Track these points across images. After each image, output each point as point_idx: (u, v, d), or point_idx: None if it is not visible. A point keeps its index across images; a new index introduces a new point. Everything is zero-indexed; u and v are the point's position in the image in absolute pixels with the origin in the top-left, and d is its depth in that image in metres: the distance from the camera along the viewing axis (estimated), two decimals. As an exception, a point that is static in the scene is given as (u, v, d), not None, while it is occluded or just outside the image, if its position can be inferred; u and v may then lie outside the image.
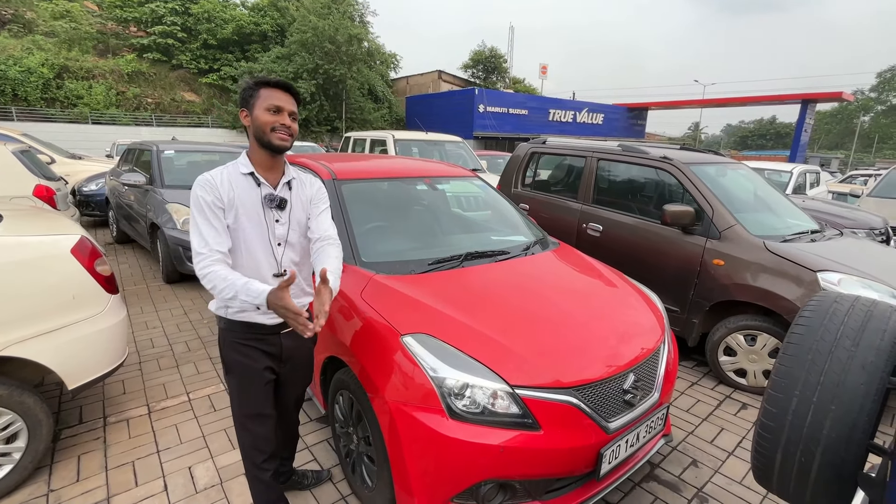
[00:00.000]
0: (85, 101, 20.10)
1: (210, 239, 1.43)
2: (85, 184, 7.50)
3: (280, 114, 1.47)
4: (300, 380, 1.78)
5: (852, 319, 1.10)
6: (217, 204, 1.45)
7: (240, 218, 1.48)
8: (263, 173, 1.53)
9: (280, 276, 1.55)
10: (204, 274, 1.41)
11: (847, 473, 1.05)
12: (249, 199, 1.49)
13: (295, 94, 1.52)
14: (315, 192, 1.67)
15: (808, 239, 3.22)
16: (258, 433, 1.60)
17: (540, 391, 1.57)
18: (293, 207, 1.57)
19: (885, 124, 52.07)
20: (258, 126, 1.46)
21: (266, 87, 1.48)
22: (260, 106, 1.46)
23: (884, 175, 7.26)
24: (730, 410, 2.85)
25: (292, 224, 1.57)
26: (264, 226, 1.51)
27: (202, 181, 1.47)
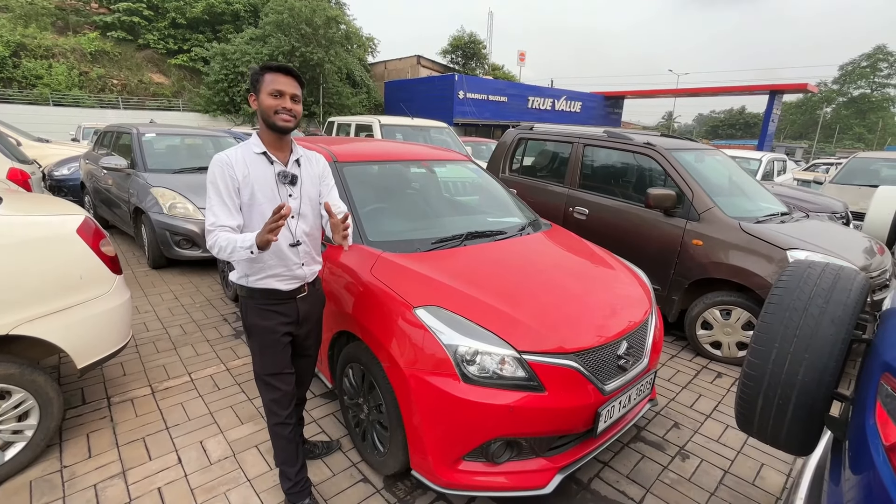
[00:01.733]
0: (45, 81, 19.07)
1: (221, 216, 1.55)
2: (56, 168, 7.22)
3: (282, 97, 1.57)
4: (314, 341, 1.92)
5: (823, 281, 1.26)
6: (232, 183, 1.56)
7: (255, 194, 1.59)
8: (274, 152, 1.64)
9: (295, 245, 1.68)
10: (211, 244, 1.54)
11: (817, 414, 1.22)
12: (263, 175, 1.61)
13: (297, 77, 1.62)
14: (322, 169, 1.81)
15: (778, 220, 3.46)
16: (280, 389, 1.73)
17: (545, 356, 1.71)
18: (303, 182, 1.70)
19: (845, 115, 54.46)
20: (263, 109, 1.57)
21: (269, 72, 1.58)
22: (264, 90, 1.56)
23: (844, 164, 7.71)
24: (706, 379, 3.08)
25: (303, 198, 1.70)
26: (278, 200, 1.62)
27: (219, 160, 1.57)
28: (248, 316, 1.71)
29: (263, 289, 1.67)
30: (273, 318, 1.70)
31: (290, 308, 1.72)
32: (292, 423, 1.79)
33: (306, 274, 1.74)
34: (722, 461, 2.27)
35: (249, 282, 1.66)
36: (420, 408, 1.68)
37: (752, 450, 2.36)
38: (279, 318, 1.70)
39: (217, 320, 3.62)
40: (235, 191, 1.57)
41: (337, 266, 2.17)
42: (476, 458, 1.73)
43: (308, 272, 1.75)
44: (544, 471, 1.76)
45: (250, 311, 1.70)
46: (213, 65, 21.91)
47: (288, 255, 1.67)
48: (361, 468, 2.11)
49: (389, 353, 1.77)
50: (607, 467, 2.18)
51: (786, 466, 2.25)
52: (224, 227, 1.54)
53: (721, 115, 68.77)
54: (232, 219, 1.56)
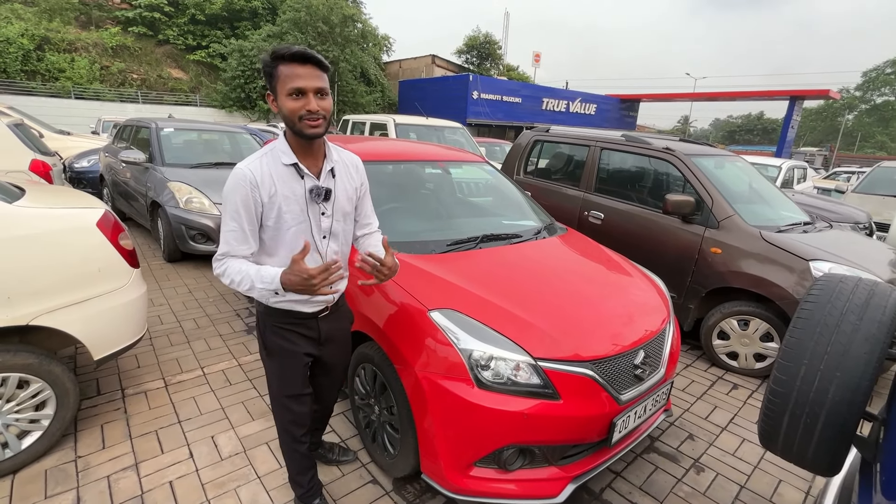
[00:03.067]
0: (67, 74, 19.43)
1: (234, 244, 1.36)
2: (76, 160, 7.35)
3: (304, 97, 1.27)
4: (340, 360, 1.78)
5: (856, 296, 1.22)
6: (255, 207, 1.34)
7: (283, 216, 1.38)
8: (304, 160, 1.40)
9: None
10: (220, 273, 1.38)
11: (846, 434, 1.17)
12: (293, 193, 1.38)
13: (317, 62, 1.29)
14: (360, 178, 1.59)
15: (800, 230, 3.37)
16: (297, 412, 1.62)
17: (560, 363, 1.68)
18: (337, 197, 1.47)
19: (867, 123, 53.23)
20: (285, 116, 1.32)
21: (284, 63, 1.27)
22: (282, 90, 1.28)
23: (868, 172, 7.53)
24: (722, 390, 3.02)
25: (336, 215, 1.49)
26: (308, 221, 1.42)
27: (242, 178, 1.32)
28: (265, 335, 1.56)
29: (283, 309, 1.51)
30: (293, 339, 1.55)
31: (311, 328, 1.57)
32: (307, 442, 1.70)
33: (334, 297, 1.60)
34: (738, 476, 2.22)
35: (270, 301, 1.49)
36: (432, 411, 1.66)
37: (769, 465, 2.30)
38: (300, 338, 1.56)
39: (230, 315, 3.65)
40: (258, 216, 1.36)
41: (350, 266, 2.15)
42: (488, 465, 1.70)
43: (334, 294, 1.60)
44: (557, 480, 1.73)
45: (268, 329, 1.54)
46: (230, 61, 22.15)
47: None
48: (371, 469, 2.10)
49: (403, 355, 1.76)
50: (620, 478, 2.15)
51: (804, 483, 2.19)
52: (236, 257, 1.37)
53: (738, 120, 67.67)
54: (248, 248, 1.38)
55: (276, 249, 1.43)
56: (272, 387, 1.64)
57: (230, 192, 1.33)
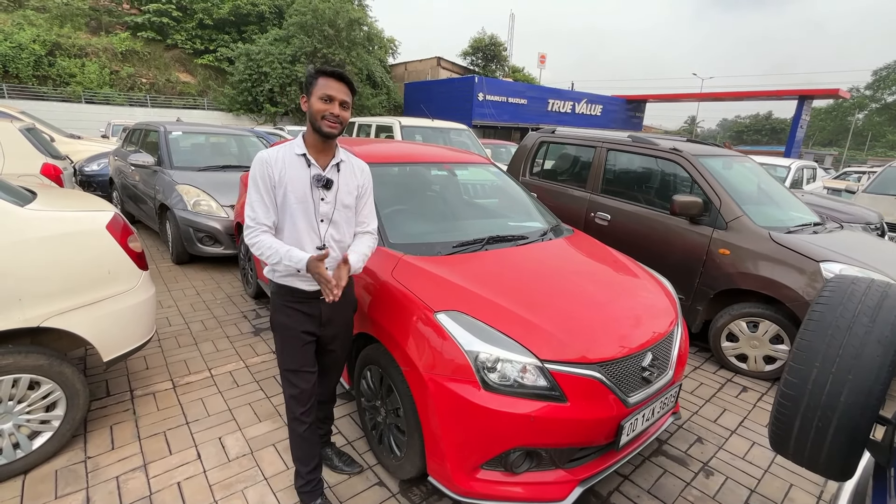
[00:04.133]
0: (78, 79, 19.71)
1: (260, 213, 1.62)
2: (86, 164, 7.45)
3: (331, 103, 1.57)
4: (339, 343, 1.89)
5: (869, 298, 1.20)
6: (269, 181, 1.61)
7: (288, 195, 1.62)
8: (315, 155, 1.66)
9: (321, 248, 1.68)
10: (252, 243, 1.62)
11: (859, 438, 1.15)
12: (299, 177, 1.63)
13: (348, 82, 1.62)
14: (364, 180, 1.80)
15: (810, 231, 3.33)
16: (297, 387, 1.74)
17: (567, 366, 1.67)
18: (339, 189, 1.70)
19: (878, 122, 52.54)
20: (312, 113, 1.59)
21: (323, 76, 1.59)
22: (315, 94, 1.57)
23: (879, 172, 7.42)
24: (731, 393, 2.99)
25: (337, 204, 1.70)
26: (310, 203, 1.65)
27: (259, 158, 1.63)
28: (273, 311, 1.76)
29: (287, 286, 1.70)
30: (294, 316, 1.72)
31: (312, 308, 1.73)
32: (308, 422, 1.77)
33: None
34: (748, 479, 2.19)
35: (275, 277, 1.71)
36: (438, 413, 1.66)
37: (780, 469, 2.27)
38: (300, 316, 1.72)
39: (237, 317, 3.67)
40: (272, 188, 1.62)
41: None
42: (494, 467, 1.70)
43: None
44: (563, 483, 1.72)
45: (275, 307, 1.75)
46: (237, 65, 22.34)
47: None
48: (377, 471, 2.10)
49: (409, 356, 1.76)
50: (628, 481, 2.13)
51: (816, 488, 2.16)
52: (263, 225, 1.62)
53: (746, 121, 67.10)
54: (269, 216, 1.63)
55: (283, 224, 1.66)
56: (278, 361, 1.79)
57: (252, 169, 1.63)
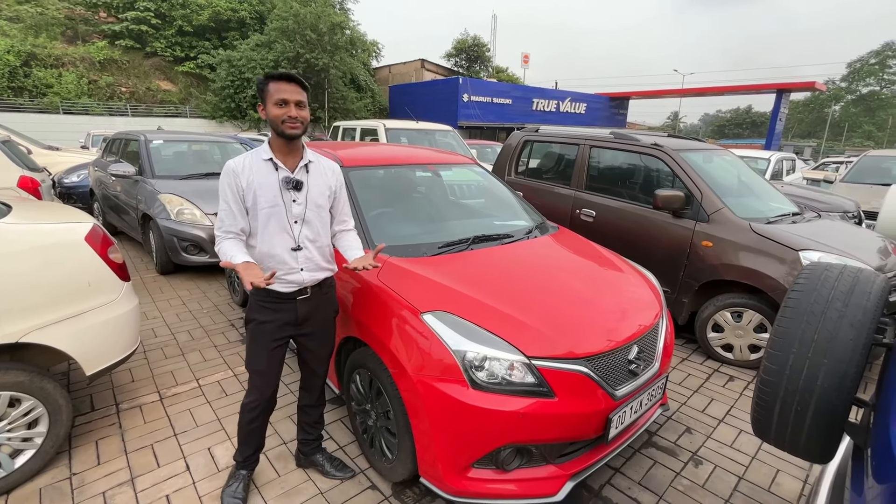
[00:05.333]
0: (55, 90, 19.36)
1: (226, 220, 1.68)
2: (65, 175, 7.31)
3: (287, 106, 1.60)
4: (320, 343, 1.93)
5: (842, 284, 1.23)
6: (237, 189, 1.66)
7: (258, 199, 1.66)
8: (282, 158, 1.70)
9: (297, 249, 1.73)
10: (217, 248, 1.69)
11: (837, 421, 1.18)
12: (268, 181, 1.67)
13: (299, 82, 1.64)
14: (336, 182, 1.85)
15: (789, 221, 3.41)
16: (258, 388, 1.81)
17: (554, 362, 1.68)
18: (310, 189, 1.74)
19: (853, 113, 53.86)
20: (271, 120, 1.63)
21: (273, 81, 1.61)
22: (270, 100, 1.61)
23: (855, 162, 7.60)
24: (718, 383, 3.03)
25: (309, 204, 1.74)
26: (282, 206, 1.68)
27: (226, 168, 1.67)
28: (249, 310, 1.80)
29: (264, 287, 1.67)
30: (268, 316, 1.75)
31: (288, 308, 1.77)
32: (258, 423, 1.86)
33: (305, 279, 1.76)
34: (736, 467, 2.23)
35: None
36: (428, 414, 1.66)
37: (767, 455, 2.31)
38: (275, 316, 1.75)
39: (224, 326, 3.63)
40: (240, 197, 1.66)
41: (343, 271, 2.15)
42: (486, 466, 1.70)
43: (308, 277, 1.77)
44: (555, 478, 1.73)
45: (251, 307, 1.79)
46: (219, 71, 22.13)
47: (286, 260, 1.71)
48: (370, 475, 2.09)
49: (397, 358, 1.76)
50: (619, 473, 2.15)
51: (802, 472, 2.21)
52: (229, 232, 1.67)
53: (727, 115, 68.28)
54: (236, 224, 1.68)
55: (255, 230, 1.70)
56: (246, 356, 1.84)
57: (221, 180, 1.68)
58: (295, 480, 2.04)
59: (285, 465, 2.13)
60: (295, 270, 1.73)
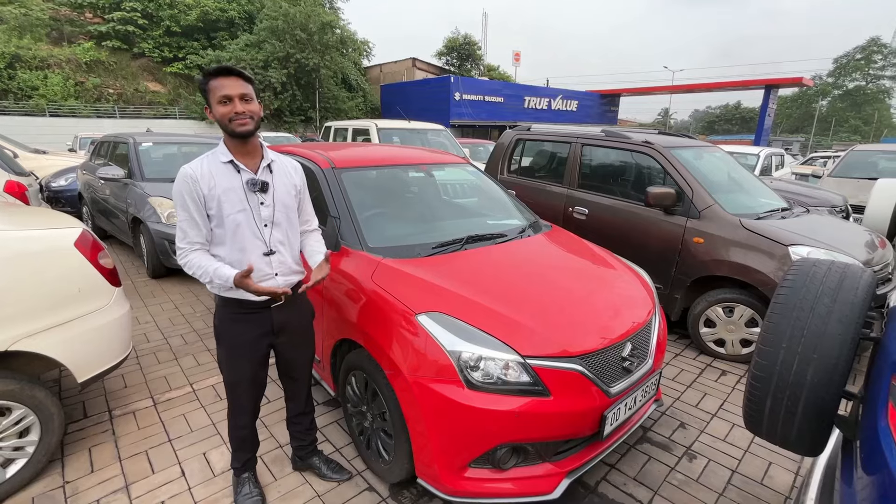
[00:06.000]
0: (41, 92, 19.08)
1: (190, 232, 1.57)
2: (53, 179, 7.21)
3: (231, 103, 1.50)
4: (299, 350, 1.89)
5: (829, 279, 1.25)
6: (198, 197, 1.53)
7: (223, 205, 1.56)
8: (242, 159, 1.59)
9: (270, 254, 1.66)
10: (183, 263, 1.59)
11: (826, 414, 1.20)
12: (231, 186, 1.57)
13: (239, 74, 1.53)
14: (300, 180, 1.79)
15: (779, 216, 3.45)
16: (242, 399, 1.79)
17: (549, 360, 1.69)
18: (276, 189, 1.66)
19: (840, 108, 54.55)
20: (218, 120, 1.53)
21: (212, 78, 1.51)
22: (213, 100, 1.51)
23: (842, 157, 7.71)
24: (711, 377, 3.07)
25: (277, 206, 1.66)
26: (249, 210, 1.60)
27: (183, 175, 1.54)
28: (219, 323, 1.72)
29: (233, 298, 1.64)
30: (242, 328, 1.69)
31: (263, 318, 1.70)
32: (248, 430, 1.87)
33: (280, 284, 1.69)
34: (729, 461, 2.26)
35: (219, 291, 1.65)
36: (424, 415, 1.66)
37: (759, 448, 2.34)
38: (249, 327, 1.70)
39: (218, 329, 3.60)
40: (202, 205, 1.55)
41: (338, 273, 2.15)
42: (482, 465, 1.71)
43: (283, 282, 1.70)
44: (551, 476, 1.75)
45: (221, 319, 1.71)
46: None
47: (260, 267, 1.63)
48: (367, 476, 2.09)
49: (392, 360, 1.76)
50: (614, 470, 2.17)
51: (794, 465, 2.24)
52: (194, 243, 1.57)
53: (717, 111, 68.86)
54: (201, 234, 1.58)
55: (222, 238, 1.60)
56: (222, 372, 1.79)
57: (177, 189, 1.54)
58: (292, 484, 2.04)
59: (282, 469, 2.12)
60: (269, 276, 1.66)
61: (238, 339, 1.69)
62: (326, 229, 2.33)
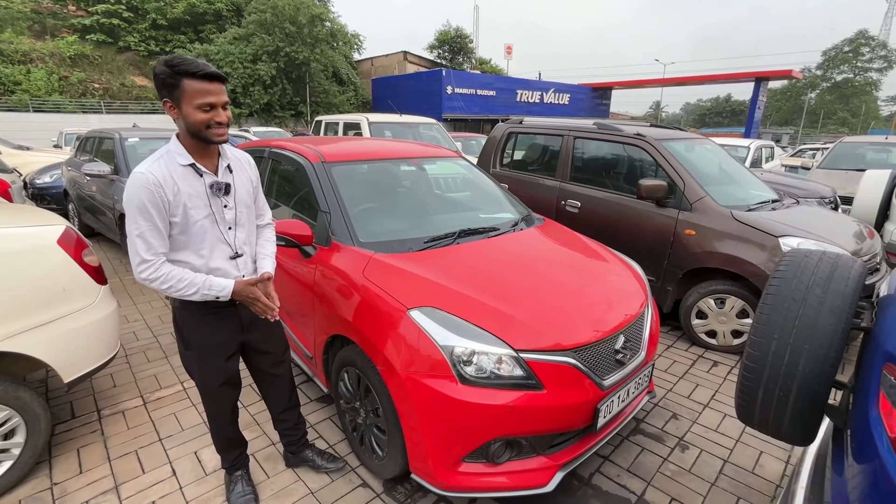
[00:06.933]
0: (24, 87, 18.68)
1: (156, 244, 1.42)
2: (37, 176, 7.06)
3: (214, 111, 1.40)
4: (273, 342, 1.85)
5: (821, 270, 1.25)
6: (163, 205, 1.41)
7: (189, 211, 1.46)
8: (201, 160, 1.50)
9: (236, 257, 1.61)
10: (155, 277, 1.42)
11: (818, 404, 1.21)
12: (195, 190, 1.48)
13: (224, 80, 1.44)
14: (253, 172, 1.71)
15: (769, 208, 3.47)
16: (219, 403, 1.75)
17: (542, 354, 1.69)
18: (237, 190, 1.60)
19: (829, 100, 55.11)
20: (192, 124, 1.40)
21: (191, 80, 1.35)
22: (189, 103, 1.37)
23: (831, 149, 7.77)
24: (703, 368, 3.09)
25: (239, 206, 1.61)
26: (212, 214, 1.52)
27: (143, 181, 1.37)
28: (185, 328, 1.62)
29: (199, 301, 1.53)
30: (211, 329, 1.62)
31: (230, 315, 1.65)
32: (232, 429, 1.85)
33: None
34: (721, 450, 2.28)
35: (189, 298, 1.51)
36: (417, 411, 1.65)
37: (750, 438, 2.36)
38: (219, 326, 1.63)
39: (209, 327, 3.56)
40: (167, 212, 1.43)
41: (329, 269, 2.13)
42: (476, 459, 1.70)
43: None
44: (545, 469, 1.75)
45: (186, 324, 1.61)
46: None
47: (228, 270, 1.59)
48: (361, 472, 2.08)
49: (385, 356, 1.74)
50: (608, 462, 2.18)
51: (784, 454, 2.26)
52: (160, 255, 1.44)
53: (708, 104, 69.29)
54: (164, 245, 1.45)
55: (186, 244, 1.50)
56: (194, 379, 1.74)
57: (135, 195, 1.38)
58: (285, 481, 2.02)
59: (274, 466, 2.11)
60: (238, 277, 1.60)
61: (208, 339, 1.62)
62: (317, 224, 2.31)
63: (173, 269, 1.45)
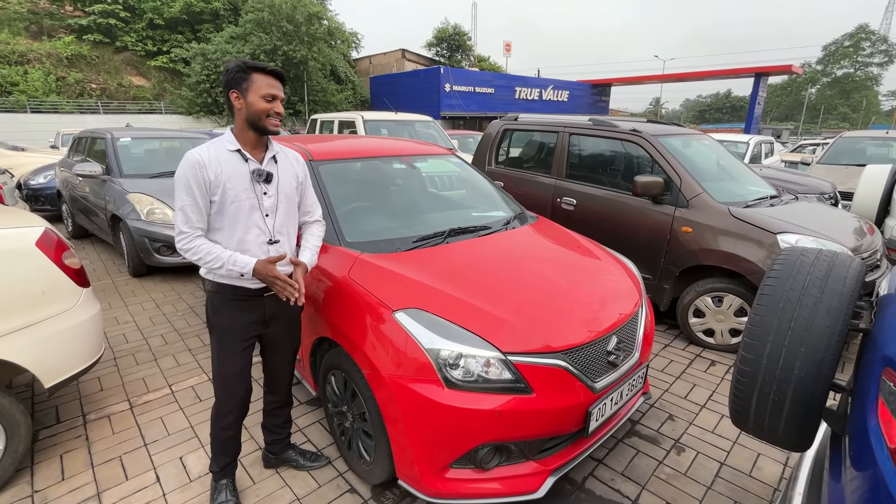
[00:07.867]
0: (21, 87, 18.59)
1: (194, 218, 1.55)
2: (32, 177, 7.03)
3: (274, 101, 1.57)
4: (287, 341, 1.89)
5: (817, 269, 1.20)
6: (205, 184, 1.54)
7: (227, 192, 1.57)
8: (249, 150, 1.63)
9: (271, 243, 1.68)
10: (188, 248, 1.56)
11: (814, 409, 1.16)
12: (237, 174, 1.59)
13: (285, 80, 1.65)
14: (303, 170, 1.81)
15: (767, 204, 3.41)
16: (230, 391, 1.75)
17: (531, 356, 1.64)
18: (280, 180, 1.69)
19: (829, 96, 54.89)
20: (254, 112, 1.55)
21: (260, 74, 1.56)
22: (255, 92, 1.54)
23: (831, 144, 7.70)
24: (700, 368, 3.04)
25: (280, 196, 1.69)
26: (254, 199, 1.62)
27: (190, 160, 1.53)
28: (212, 311, 1.71)
29: (229, 285, 1.65)
30: (236, 316, 1.69)
31: (256, 306, 1.71)
32: (233, 431, 1.82)
33: None
34: (718, 453, 2.23)
35: (216, 276, 1.64)
36: (403, 416, 1.60)
37: (747, 440, 2.31)
38: (243, 315, 1.70)
39: (200, 328, 3.52)
40: (207, 191, 1.55)
41: (315, 269, 2.07)
42: (464, 465, 1.66)
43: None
44: (536, 474, 1.70)
45: (214, 307, 1.70)
46: (193, 65, 21.48)
47: (259, 256, 1.63)
48: (349, 478, 2.04)
49: (370, 359, 1.69)
50: (602, 465, 2.13)
51: (782, 457, 2.21)
52: (198, 229, 1.56)
53: (708, 100, 69.08)
54: (203, 220, 1.58)
55: (221, 223, 1.60)
56: (213, 364, 1.76)
57: (182, 173, 1.53)
58: (271, 487, 1.98)
59: (261, 472, 2.06)
60: None
61: (230, 325, 1.69)
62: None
63: (205, 243, 1.56)
